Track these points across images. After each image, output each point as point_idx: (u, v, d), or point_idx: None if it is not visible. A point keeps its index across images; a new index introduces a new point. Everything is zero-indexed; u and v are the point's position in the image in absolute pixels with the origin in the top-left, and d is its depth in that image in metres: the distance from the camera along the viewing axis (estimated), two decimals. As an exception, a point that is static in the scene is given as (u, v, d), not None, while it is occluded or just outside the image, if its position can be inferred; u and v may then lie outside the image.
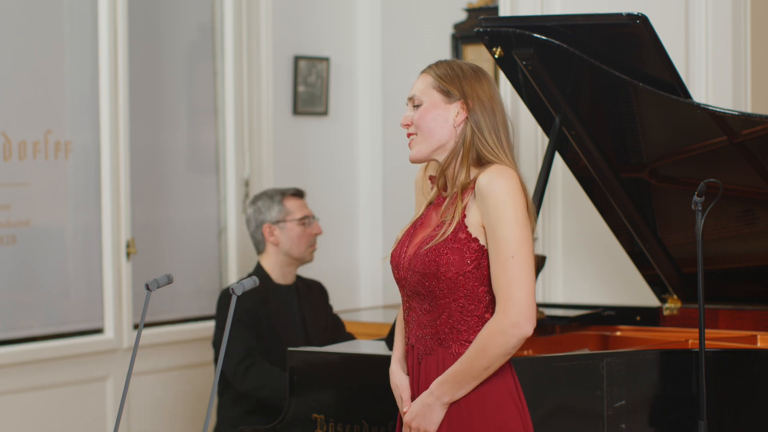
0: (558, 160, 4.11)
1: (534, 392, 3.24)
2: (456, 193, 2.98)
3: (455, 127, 2.98)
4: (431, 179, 3.08)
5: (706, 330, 3.50)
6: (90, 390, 5.13)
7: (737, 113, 3.71)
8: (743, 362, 3.56)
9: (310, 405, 3.55)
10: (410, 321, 3.02)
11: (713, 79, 4.61)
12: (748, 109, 4.65)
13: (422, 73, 3.04)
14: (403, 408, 3.01)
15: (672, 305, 4.30)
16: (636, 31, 3.61)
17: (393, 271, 3.05)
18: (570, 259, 4.95)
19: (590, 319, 4.33)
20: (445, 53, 5.88)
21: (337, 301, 5.76)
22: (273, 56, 5.69)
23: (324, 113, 5.94)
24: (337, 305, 5.61)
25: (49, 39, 5.06)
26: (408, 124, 3.01)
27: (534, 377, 3.06)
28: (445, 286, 2.92)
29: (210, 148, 5.61)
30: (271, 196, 4.57)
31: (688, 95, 3.74)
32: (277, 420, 3.62)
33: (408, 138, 3.02)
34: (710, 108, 3.66)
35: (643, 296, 4.54)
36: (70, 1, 5.10)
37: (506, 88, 4.68)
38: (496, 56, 3.81)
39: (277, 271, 4.54)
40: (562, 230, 4.95)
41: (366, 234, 6.06)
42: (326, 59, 5.91)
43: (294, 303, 4.54)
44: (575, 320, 4.31)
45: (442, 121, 2.98)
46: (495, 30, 3.77)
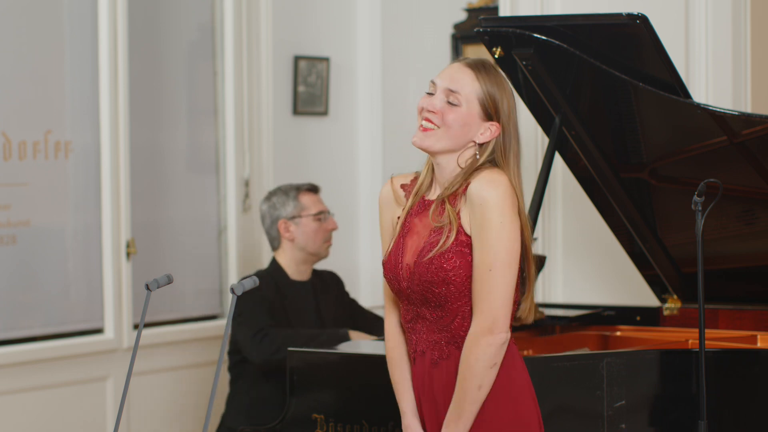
0: (558, 160, 4.11)
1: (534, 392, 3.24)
2: (445, 198, 2.96)
3: (474, 141, 2.97)
4: (404, 188, 3.07)
5: (706, 330, 3.49)
6: (90, 390, 5.13)
7: (737, 113, 3.71)
8: (743, 362, 3.56)
9: (310, 405, 3.55)
10: (418, 329, 3.02)
11: (713, 79, 4.61)
12: (748, 109, 4.64)
13: (470, 70, 2.95)
14: None
15: (672, 305, 4.30)
16: (636, 31, 3.61)
17: (391, 284, 3.04)
18: (570, 259, 4.95)
19: (590, 319, 4.33)
20: (445, 53, 5.88)
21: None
22: (273, 56, 5.69)
23: (324, 113, 5.94)
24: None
25: (49, 39, 5.06)
26: (435, 113, 2.95)
27: (534, 377, 3.06)
28: (456, 290, 2.93)
29: (210, 148, 5.61)
30: (286, 192, 4.54)
31: (688, 95, 3.74)
32: (277, 420, 3.62)
33: (423, 121, 2.95)
34: (710, 108, 3.66)
35: (643, 296, 4.54)
36: (70, 1, 5.10)
37: (506, 88, 4.68)
38: (496, 56, 3.81)
39: (293, 268, 4.53)
40: (562, 230, 4.95)
41: (366, 234, 6.06)
42: (326, 59, 5.91)
43: (310, 299, 4.53)
44: (575, 320, 4.31)
45: (469, 132, 2.96)
46: (495, 30, 3.77)
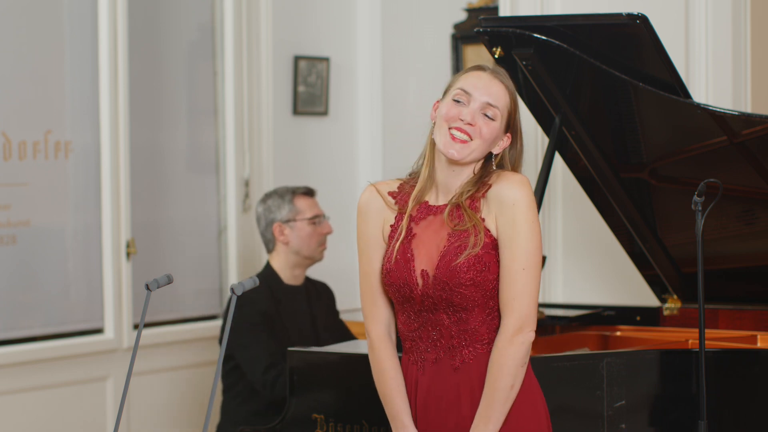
0: (558, 160, 4.11)
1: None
2: (461, 202, 2.97)
3: (491, 151, 3.02)
4: (392, 195, 3.06)
5: (706, 330, 3.50)
6: (90, 390, 5.13)
7: (737, 113, 3.70)
8: (743, 362, 3.56)
9: (310, 405, 3.55)
10: (427, 337, 3.00)
11: (713, 79, 4.61)
12: (748, 109, 4.65)
13: (500, 83, 3.01)
14: None
15: (672, 305, 4.30)
16: (636, 31, 3.61)
17: (399, 291, 2.99)
18: (570, 259, 4.95)
19: (590, 319, 4.33)
20: (445, 53, 5.88)
21: (337, 301, 5.76)
22: (273, 56, 5.69)
23: (324, 113, 5.94)
24: (337, 305, 5.60)
25: (49, 39, 5.06)
26: (473, 125, 2.97)
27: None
28: (484, 292, 2.94)
29: (210, 148, 5.61)
30: (282, 195, 4.53)
31: (688, 95, 3.73)
32: (277, 420, 3.62)
33: (457, 131, 2.96)
34: (710, 108, 3.66)
35: (643, 296, 4.54)
36: (70, 1, 5.10)
37: (506, 88, 4.68)
38: (496, 56, 3.81)
39: (287, 271, 4.51)
40: (562, 230, 4.95)
41: (366, 234, 6.05)
42: (326, 59, 5.91)
43: (304, 304, 4.52)
44: (575, 320, 4.31)
45: (494, 144, 3.01)
46: (495, 30, 3.77)
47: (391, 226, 3.04)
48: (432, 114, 3.05)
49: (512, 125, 3.02)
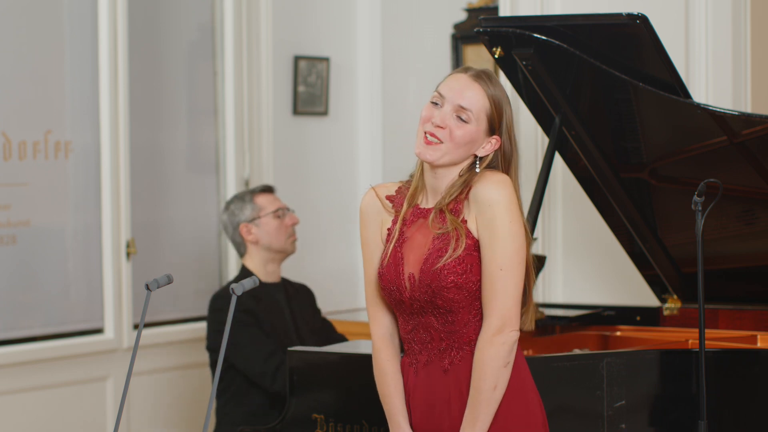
0: (558, 160, 4.11)
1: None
2: (444, 206, 2.97)
3: (476, 154, 2.99)
4: (390, 198, 3.07)
5: (706, 330, 3.49)
6: (90, 390, 5.13)
7: (737, 113, 3.70)
8: (743, 362, 3.56)
9: (310, 405, 3.55)
10: (419, 339, 3.01)
11: (713, 79, 4.61)
12: (748, 109, 4.64)
13: (478, 85, 2.98)
14: None
15: (672, 305, 4.30)
16: (636, 31, 3.61)
17: (391, 294, 3.01)
18: (570, 259, 4.95)
19: (590, 319, 4.33)
20: (445, 53, 5.88)
21: (337, 301, 5.76)
22: (273, 56, 5.69)
23: (324, 113, 5.94)
24: (337, 305, 5.61)
25: (49, 39, 5.06)
26: (443, 128, 2.96)
27: (534, 377, 3.06)
28: (468, 294, 2.94)
29: (210, 148, 5.61)
30: (242, 197, 4.58)
31: (688, 95, 3.73)
32: (277, 420, 3.62)
33: (428, 134, 2.96)
34: (710, 108, 3.66)
35: (643, 296, 4.54)
36: (70, 1, 5.10)
37: (506, 88, 4.67)
38: (496, 56, 3.81)
39: (262, 270, 4.54)
40: (562, 230, 4.95)
41: (366, 234, 6.05)
42: (326, 59, 5.91)
43: (283, 301, 4.54)
44: (575, 320, 4.31)
45: (473, 147, 2.98)
46: (495, 30, 3.77)
47: (388, 230, 3.06)
48: None
49: (499, 128, 2.99)
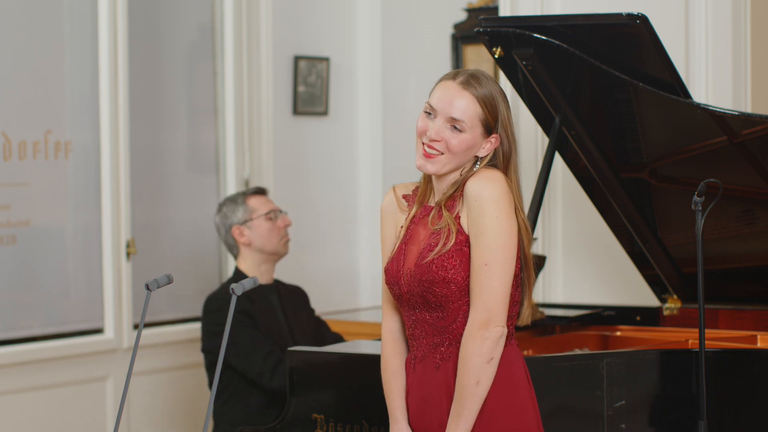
0: (558, 160, 4.11)
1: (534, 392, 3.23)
2: (441, 203, 3.01)
3: (477, 155, 3.01)
4: (406, 198, 3.11)
5: (706, 330, 3.50)
6: (90, 390, 5.13)
7: (737, 113, 3.71)
8: (743, 362, 3.56)
9: (310, 405, 3.55)
10: (417, 335, 3.04)
11: (713, 79, 4.61)
12: (748, 109, 4.64)
13: (468, 92, 2.98)
14: None
15: (672, 305, 4.30)
16: (636, 31, 3.61)
17: (392, 289, 3.06)
18: (570, 259, 4.95)
19: (590, 319, 4.34)
20: (445, 53, 5.88)
21: (337, 301, 5.76)
22: (273, 56, 5.69)
23: (324, 113, 5.94)
24: (337, 305, 5.61)
25: (49, 39, 5.06)
26: (438, 141, 2.98)
27: (534, 377, 3.07)
28: (457, 289, 2.96)
29: (210, 148, 5.61)
30: (234, 200, 4.59)
31: (688, 95, 3.74)
32: (277, 420, 3.62)
33: (427, 147, 2.98)
34: (710, 108, 3.66)
35: (643, 296, 4.54)
36: (70, 1, 5.10)
37: (506, 88, 4.68)
38: (496, 56, 3.81)
39: (255, 272, 4.54)
40: (562, 230, 4.95)
41: (366, 234, 6.06)
42: (326, 59, 5.91)
43: (276, 302, 4.55)
44: (575, 320, 4.31)
45: (472, 151, 3.00)
46: (495, 30, 3.77)
47: (401, 228, 3.10)
48: None
49: (495, 127, 3.00)
